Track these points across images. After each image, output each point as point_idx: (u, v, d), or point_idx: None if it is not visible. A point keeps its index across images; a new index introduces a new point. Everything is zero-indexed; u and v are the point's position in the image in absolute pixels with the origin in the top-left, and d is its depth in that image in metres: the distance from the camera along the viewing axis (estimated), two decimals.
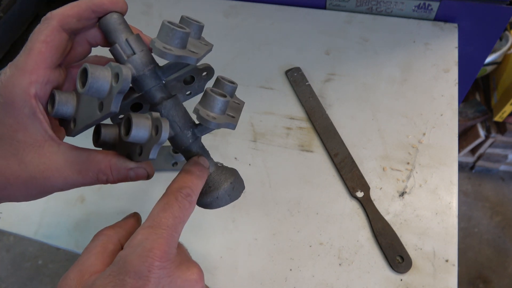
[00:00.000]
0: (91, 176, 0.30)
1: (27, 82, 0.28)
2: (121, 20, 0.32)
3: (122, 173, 0.31)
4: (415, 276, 0.49)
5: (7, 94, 0.28)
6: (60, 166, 0.29)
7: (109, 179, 0.31)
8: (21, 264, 1.53)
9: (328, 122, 0.63)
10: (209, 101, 0.30)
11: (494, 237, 1.44)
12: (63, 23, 0.30)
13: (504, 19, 0.68)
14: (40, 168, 0.29)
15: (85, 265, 0.27)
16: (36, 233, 0.58)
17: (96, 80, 0.27)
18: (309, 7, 0.79)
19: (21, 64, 0.29)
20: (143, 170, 0.32)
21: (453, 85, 0.64)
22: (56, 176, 0.30)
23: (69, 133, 0.33)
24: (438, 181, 0.56)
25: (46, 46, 0.29)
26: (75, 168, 0.30)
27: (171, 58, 0.28)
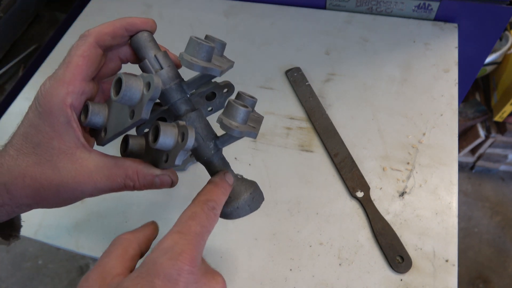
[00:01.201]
0: (119, 182, 0.32)
1: (64, 92, 0.31)
2: (150, 38, 0.35)
3: (148, 179, 0.32)
4: (415, 276, 0.49)
5: (45, 103, 0.30)
6: (91, 171, 0.31)
7: (135, 185, 0.32)
8: (21, 264, 1.53)
9: (328, 122, 0.63)
10: (232, 111, 0.32)
11: (494, 237, 1.44)
12: (99, 39, 0.33)
13: (504, 19, 0.68)
14: (72, 174, 0.31)
15: (106, 268, 0.28)
16: (36, 233, 0.58)
17: (130, 88, 0.29)
18: (309, 7, 0.79)
19: (60, 76, 0.31)
20: (168, 177, 0.33)
21: (453, 85, 0.64)
22: (87, 182, 0.31)
23: (99, 142, 0.35)
24: (438, 181, 0.56)
25: (83, 60, 0.32)
26: (105, 173, 0.31)
27: (198, 69, 0.31)
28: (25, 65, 0.84)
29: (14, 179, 0.31)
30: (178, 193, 0.59)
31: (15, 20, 0.88)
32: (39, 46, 0.87)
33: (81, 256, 1.52)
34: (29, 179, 0.31)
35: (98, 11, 0.87)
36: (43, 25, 0.92)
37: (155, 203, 0.58)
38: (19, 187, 0.31)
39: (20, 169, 0.31)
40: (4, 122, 0.72)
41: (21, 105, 0.73)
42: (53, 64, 0.78)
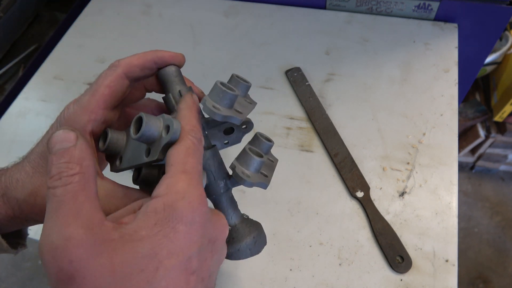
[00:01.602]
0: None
1: (86, 119, 0.31)
2: (177, 73, 0.36)
3: None
4: (415, 276, 0.49)
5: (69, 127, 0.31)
6: (100, 200, 0.29)
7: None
8: (21, 264, 1.53)
9: (328, 122, 0.63)
10: (246, 159, 0.33)
11: (494, 237, 1.44)
12: (128, 71, 0.33)
13: (504, 19, 0.68)
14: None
15: (84, 210, 0.23)
16: (36, 233, 0.58)
17: (149, 128, 0.29)
18: (309, 7, 0.79)
19: (84, 103, 0.32)
20: None
21: (453, 85, 0.64)
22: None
23: (113, 169, 0.35)
24: (438, 181, 0.56)
25: (109, 90, 0.32)
26: (113, 202, 0.31)
27: (219, 117, 0.31)
28: (25, 65, 0.84)
29: (26, 196, 0.31)
30: None
31: (15, 20, 0.88)
32: (39, 46, 0.87)
33: None
34: (40, 199, 0.31)
35: (98, 11, 0.87)
36: (43, 25, 0.92)
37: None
38: (29, 205, 0.31)
39: (33, 188, 0.31)
40: (4, 122, 0.72)
41: (21, 105, 0.73)
42: (53, 64, 0.78)
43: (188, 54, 0.79)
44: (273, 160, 0.38)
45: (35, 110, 0.72)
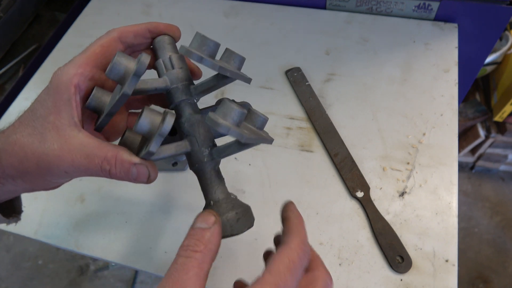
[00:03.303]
0: (96, 163, 0.32)
1: (73, 72, 0.33)
2: (170, 41, 0.37)
3: (126, 166, 0.32)
4: (415, 276, 0.49)
5: (55, 81, 0.33)
6: (72, 148, 0.32)
7: (111, 170, 0.32)
8: (21, 264, 1.53)
9: (328, 122, 0.63)
10: (224, 109, 0.30)
11: (494, 237, 1.44)
12: (122, 36, 0.35)
13: (504, 19, 0.68)
14: (54, 147, 0.32)
15: (186, 283, 0.27)
16: (36, 233, 0.58)
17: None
18: (309, 7, 0.79)
19: (75, 59, 0.33)
20: (145, 168, 0.33)
21: (453, 85, 0.64)
22: (66, 157, 0.32)
23: (95, 127, 0.36)
24: (438, 181, 0.56)
25: (100, 49, 0.34)
26: (84, 151, 0.32)
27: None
28: (25, 65, 0.84)
29: (6, 145, 0.32)
30: (179, 195, 0.59)
31: (15, 20, 0.88)
32: (39, 46, 0.87)
33: (81, 256, 1.52)
34: (18, 147, 0.32)
35: (98, 11, 0.87)
36: (43, 25, 0.92)
37: (156, 204, 0.58)
38: (7, 154, 0.32)
39: (14, 138, 0.32)
40: (4, 122, 0.72)
41: (21, 105, 0.73)
42: (53, 64, 0.78)
43: None
44: (266, 137, 0.34)
45: None
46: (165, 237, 0.55)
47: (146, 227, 0.56)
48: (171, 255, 0.53)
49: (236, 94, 0.68)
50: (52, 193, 0.61)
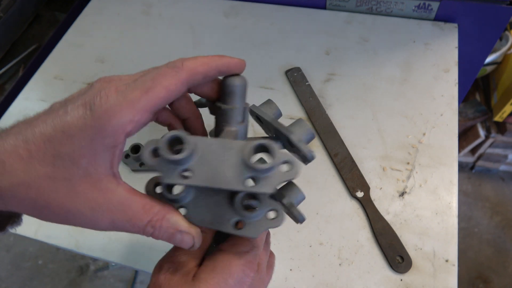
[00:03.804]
0: (139, 226, 0.28)
1: (129, 119, 0.26)
2: (246, 87, 0.33)
3: (170, 232, 0.29)
4: (415, 276, 0.49)
5: (102, 117, 0.25)
6: (112, 207, 0.27)
7: (154, 234, 0.29)
8: (21, 264, 1.53)
9: (328, 122, 0.63)
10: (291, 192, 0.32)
11: (494, 237, 1.44)
12: (191, 78, 0.29)
13: (504, 19, 0.68)
14: (91, 204, 0.26)
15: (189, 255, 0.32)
16: (36, 233, 0.58)
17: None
18: (309, 7, 0.79)
19: (132, 98, 0.26)
20: (190, 237, 0.29)
21: (453, 85, 0.64)
22: (104, 217, 0.27)
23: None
24: (438, 181, 0.56)
25: (165, 93, 0.27)
26: (127, 213, 0.27)
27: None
28: (25, 65, 0.84)
29: (15, 186, 0.25)
30: None
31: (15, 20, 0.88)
32: (39, 46, 0.87)
33: (81, 256, 1.52)
34: (34, 193, 0.25)
35: (98, 11, 0.87)
36: (43, 25, 0.92)
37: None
38: (17, 197, 0.25)
39: (28, 177, 0.25)
40: (4, 122, 0.72)
41: (21, 105, 0.73)
42: (53, 64, 0.78)
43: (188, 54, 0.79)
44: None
45: (35, 110, 0.72)
46: None
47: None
48: None
49: None
50: None
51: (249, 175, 0.27)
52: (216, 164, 0.27)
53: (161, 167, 0.27)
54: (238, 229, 0.30)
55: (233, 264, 0.30)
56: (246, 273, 0.31)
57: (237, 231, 0.30)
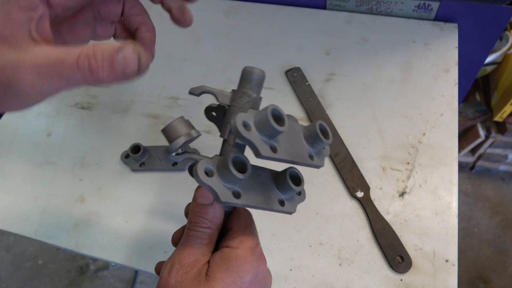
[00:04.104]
0: (71, 62, 0.25)
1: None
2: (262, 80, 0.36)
3: (108, 54, 0.25)
4: (415, 276, 0.49)
5: None
6: (35, 56, 0.25)
7: (91, 64, 0.25)
8: (21, 264, 1.53)
9: (328, 122, 0.63)
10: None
11: (494, 237, 1.44)
12: None
13: (504, 19, 0.68)
14: (11, 64, 0.25)
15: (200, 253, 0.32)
16: (36, 233, 0.58)
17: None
18: (309, 7, 0.79)
19: None
20: (133, 52, 0.26)
21: (453, 85, 0.64)
22: (27, 66, 0.25)
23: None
24: (438, 181, 0.56)
25: None
26: (51, 56, 0.25)
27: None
28: None
29: None
30: (179, 194, 0.59)
31: None
32: None
33: (81, 256, 1.52)
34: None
35: None
36: None
37: (156, 204, 0.58)
38: None
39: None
40: (4, 122, 0.72)
41: None
42: None
43: (188, 54, 0.79)
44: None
45: (35, 110, 0.72)
46: (165, 237, 0.55)
47: (146, 227, 0.56)
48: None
49: None
50: (53, 193, 0.61)
51: (311, 151, 0.33)
52: (290, 142, 0.32)
53: (258, 141, 0.29)
54: (281, 207, 0.34)
55: (248, 261, 0.31)
56: (260, 268, 0.32)
57: (282, 208, 0.34)
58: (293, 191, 0.34)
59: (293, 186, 0.34)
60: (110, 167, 0.62)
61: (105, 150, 0.64)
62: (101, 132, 0.66)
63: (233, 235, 0.33)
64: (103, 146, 0.65)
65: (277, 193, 0.34)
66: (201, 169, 0.29)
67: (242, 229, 0.33)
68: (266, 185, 0.34)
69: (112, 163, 0.63)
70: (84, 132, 0.67)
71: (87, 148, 0.65)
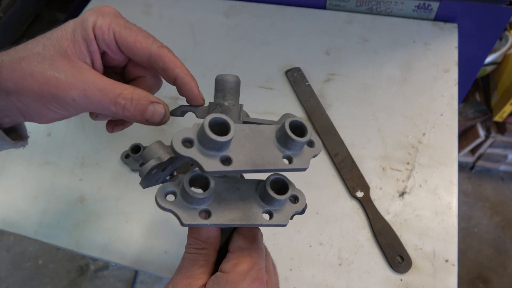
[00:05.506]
0: (111, 97, 0.31)
1: (98, 24, 0.33)
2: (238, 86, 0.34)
3: (142, 103, 0.32)
4: (415, 276, 0.49)
5: (83, 20, 0.33)
6: (86, 80, 0.31)
7: (126, 106, 0.31)
8: (21, 264, 1.53)
9: (328, 122, 0.63)
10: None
11: (494, 237, 1.44)
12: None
13: (504, 19, 0.68)
14: (67, 73, 0.31)
15: (194, 277, 0.31)
16: (36, 233, 0.58)
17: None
18: (309, 7, 0.79)
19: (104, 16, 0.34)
20: (162, 108, 0.32)
21: (453, 85, 0.64)
22: (78, 85, 0.31)
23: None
24: (438, 181, 0.56)
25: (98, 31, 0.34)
26: (99, 85, 0.31)
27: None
28: None
29: (12, 59, 0.31)
30: None
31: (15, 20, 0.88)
32: None
33: (81, 256, 1.52)
34: (25, 64, 0.31)
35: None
36: (43, 25, 0.92)
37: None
38: (11, 68, 0.31)
39: (23, 55, 0.31)
40: None
41: None
42: None
43: (188, 54, 0.79)
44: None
45: None
46: (165, 237, 0.55)
47: (146, 227, 0.56)
48: (171, 255, 0.53)
49: None
50: (53, 193, 0.61)
51: (286, 153, 0.29)
52: (252, 148, 0.28)
53: (201, 157, 0.26)
54: (268, 220, 0.30)
55: (239, 287, 0.29)
56: None
57: (269, 222, 0.30)
58: (279, 201, 0.30)
59: (275, 195, 0.30)
60: (110, 167, 0.62)
61: (105, 150, 0.64)
62: (101, 132, 0.66)
63: (228, 258, 0.31)
64: (103, 146, 0.65)
65: (262, 205, 0.31)
66: (161, 193, 0.28)
67: (238, 250, 0.31)
68: (247, 198, 0.31)
69: (112, 163, 0.63)
70: (84, 132, 0.67)
71: (87, 148, 0.65)
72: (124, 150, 0.62)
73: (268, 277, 0.33)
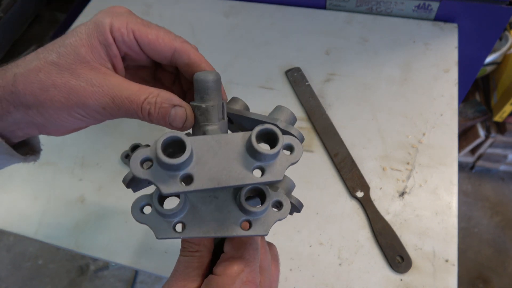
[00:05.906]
0: (137, 103, 0.30)
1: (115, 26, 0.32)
2: (220, 82, 0.33)
3: (165, 107, 0.31)
4: (415, 276, 0.49)
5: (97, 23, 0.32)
6: (112, 86, 0.30)
7: (150, 111, 0.31)
8: (21, 264, 1.53)
9: (328, 122, 0.63)
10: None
11: (494, 237, 1.44)
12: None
13: (504, 19, 0.68)
14: (91, 82, 0.30)
15: (188, 279, 0.31)
16: (36, 233, 0.58)
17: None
18: (309, 7, 0.79)
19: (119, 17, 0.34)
20: (184, 112, 0.31)
21: (453, 85, 0.64)
22: (106, 93, 0.30)
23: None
24: (438, 181, 0.56)
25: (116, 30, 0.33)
26: (125, 92, 0.30)
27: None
28: None
29: (27, 71, 0.30)
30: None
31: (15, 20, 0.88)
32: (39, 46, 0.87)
33: (81, 256, 1.52)
34: (44, 75, 0.29)
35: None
36: (43, 25, 0.92)
37: None
38: (27, 81, 0.29)
39: (38, 65, 0.30)
40: None
41: None
42: None
43: None
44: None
45: None
46: None
47: (146, 227, 0.56)
48: (171, 255, 0.53)
49: (236, 94, 0.68)
50: (52, 193, 0.61)
51: (256, 164, 0.26)
52: (217, 162, 0.26)
53: (157, 177, 0.25)
54: (247, 230, 0.29)
55: None
56: None
57: (247, 232, 0.29)
58: (255, 212, 0.29)
59: (248, 207, 0.28)
60: (110, 167, 0.62)
61: (105, 150, 0.64)
62: (101, 132, 0.66)
63: (221, 259, 0.31)
64: (103, 146, 0.65)
65: (240, 214, 0.29)
66: (137, 206, 0.28)
67: (231, 252, 0.31)
68: (224, 208, 0.30)
69: (112, 163, 0.63)
70: (84, 132, 0.67)
71: (87, 148, 0.65)
72: (124, 150, 0.62)
73: (262, 278, 0.32)
